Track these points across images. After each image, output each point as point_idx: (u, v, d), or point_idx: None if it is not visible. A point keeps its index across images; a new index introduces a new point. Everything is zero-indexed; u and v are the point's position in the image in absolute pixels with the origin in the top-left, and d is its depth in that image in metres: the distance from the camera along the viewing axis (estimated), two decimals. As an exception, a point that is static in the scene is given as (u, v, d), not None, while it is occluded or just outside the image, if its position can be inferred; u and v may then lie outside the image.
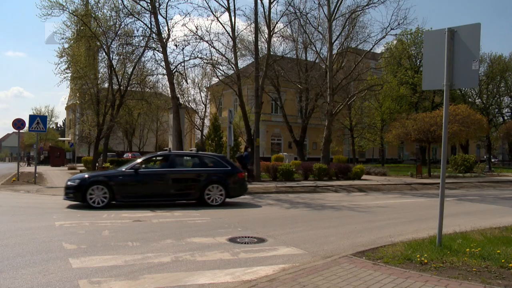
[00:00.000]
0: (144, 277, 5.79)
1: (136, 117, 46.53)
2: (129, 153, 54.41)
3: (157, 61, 28.10)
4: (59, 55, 32.03)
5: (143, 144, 63.29)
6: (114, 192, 13.29)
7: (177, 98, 26.67)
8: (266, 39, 27.95)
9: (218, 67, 29.31)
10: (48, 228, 9.46)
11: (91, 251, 7.27)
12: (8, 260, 6.58)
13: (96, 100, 33.40)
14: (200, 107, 58.92)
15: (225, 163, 14.99)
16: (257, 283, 5.44)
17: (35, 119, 23.53)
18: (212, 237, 8.57)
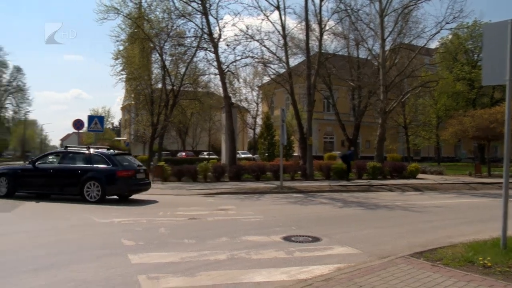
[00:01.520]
0: (200, 274, 5.87)
1: (189, 117, 47.13)
2: (182, 152, 55.30)
3: (209, 61, 28.33)
4: (114, 57, 32.98)
5: (196, 143, 64.17)
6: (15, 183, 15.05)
7: (229, 97, 26.88)
8: (317, 37, 27.72)
9: (269, 66, 29.32)
10: (108, 225, 9.79)
11: (149, 247, 7.45)
12: (73, 254, 6.86)
13: (150, 100, 34.12)
14: (252, 106, 59.19)
15: (109, 161, 14.63)
16: (312, 282, 5.41)
17: (93, 120, 24.29)
18: (266, 236, 8.59)
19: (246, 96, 57.65)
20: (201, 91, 35.55)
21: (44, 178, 14.86)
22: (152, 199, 15.39)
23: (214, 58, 26.11)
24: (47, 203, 13.87)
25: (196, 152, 59.06)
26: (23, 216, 11.34)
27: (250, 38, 26.52)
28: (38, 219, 10.84)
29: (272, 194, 17.71)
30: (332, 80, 37.30)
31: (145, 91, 34.81)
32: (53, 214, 11.88)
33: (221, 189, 18.67)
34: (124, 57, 33.32)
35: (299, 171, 25.07)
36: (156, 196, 16.50)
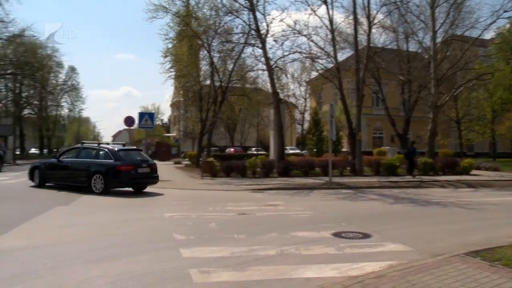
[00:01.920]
0: (251, 269, 5.90)
1: (237, 113, 47.52)
2: (231, 148, 55.72)
3: (256, 57, 28.45)
4: (163, 55, 33.57)
5: (244, 139, 64.51)
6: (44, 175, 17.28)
7: (277, 93, 26.88)
8: (365, 31, 27.27)
9: (317, 61, 29.16)
10: (159, 219, 10.01)
11: (200, 242, 7.55)
12: (128, 248, 7.05)
13: (199, 96, 34.58)
14: (300, 101, 59.00)
15: (112, 156, 15.82)
16: (364, 279, 5.34)
17: (144, 116, 24.84)
18: (316, 231, 8.55)
19: (294, 91, 57.59)
20: (249, 87, 35.71)
21: (64, 171, 16.75)
22: (201, 195, 15.62)
23: (261, 54, 26.18)
24: (100, 198, 14.31)
25: (244, 147, 59.40)
26: (80, 210, 11.74)
27: (297, 33, 26.42)
28: (93, 213, 11.19)
29: (321, 190, 17.59)
30: (381, 74, 36.60)
31: (194, 88, 35.31)
32: (107, 209, 12.25)
33: (269, 185, 18.70)
34: (173, 55, 33.90)
35: (348, 167, 24.77)
36: (205, 192, 16.76)
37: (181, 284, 5.20)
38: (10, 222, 9.07)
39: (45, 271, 5.64)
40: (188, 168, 34.51)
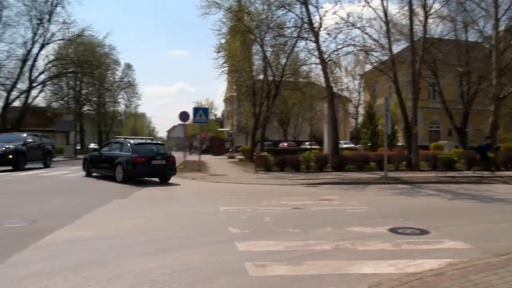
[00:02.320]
0: (306, 263, 5.86)
1: (291, 107, 47.34)
2: (284, 142, 55.69)
3: (309, 50, 28.20)
4: (216, 50, 33.90)
5: (297, 133, 64.32)
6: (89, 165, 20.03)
7: (331, 86, 26.57)
8: (421, 22, 26.38)
9: (371, 54, 28.55)
10: (215, 213, 10.12)
11: (255, 235, 7.58)
12: (183, 240, 7.18)
13: (252, 91, 34.71)
14: (354, 95, 58.24)
15: (131, 149, 17.64)
16: (422, 277, 5.18)
17: (198, 112, 25.18)
18: (372, 227, 8.40)
19: (348, 85, 56.76)
20: (302, 81, 35.51)
21: (101, 162, 19.33)
22: (255, 189, 15.71)
23: (315, 47, 25.93)
24: (156, 191, 14.67)
25: (297, 142, 59.19)
26: (137, 203, 12.06)
27: (351, 26, 25.96)
28: (150, 206, 11.47)
29: (376, 185, 17.28)
30: (438, 66, 35.35)
31: (247, 83, 35.48)
32: (163, 202, 12.52)
33: (324, 179, 18.54)
34: (226, 50, 34.21)
35: (404, 161, 24.21)
36: (259, 186, 16.84)
37: (236, 277, 5.23)
38: (73, 214, 9.43)
39: (106, 261, 5.83)
40: (241, 162, 34.75)
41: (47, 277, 5.08)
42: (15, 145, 22.98)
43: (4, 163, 22.29)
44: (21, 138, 24.57)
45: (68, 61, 46.53)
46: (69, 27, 42.80)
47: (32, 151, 24.55)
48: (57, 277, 5.09)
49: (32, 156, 24.52)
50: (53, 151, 28.34)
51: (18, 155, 22.82)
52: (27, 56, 42.29)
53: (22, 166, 23.00)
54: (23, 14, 41.57)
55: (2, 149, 22.29)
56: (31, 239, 6.94)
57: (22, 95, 43.66)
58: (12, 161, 22.47)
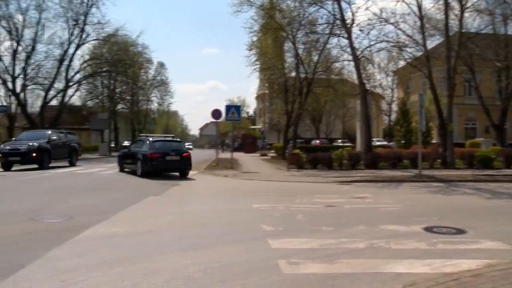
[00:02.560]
0: (340, 262, 5.82)
1: (323, 104, 47.05)
2: (316, 140, 55.42)
3: (342, 47, 27.94)
4: (248, 48, 33.96)
5: (330, 131, 63.92)
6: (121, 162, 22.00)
7: (364, 83, 26.29)
8: (457, 15, 25.79)
9: (405, 50, 28.11)
10: (247, 210, 10.16)
11: (288, 233, 7.57)
12: (217, 237, 7.23)
13: (284, 89, 34.64)
14: (387, 92, 57.40)
15: (149, 145, 19.19)
16: (459, 277, 5.06)
17: (231, 109, 25.29)
18: (406, 225, 8.27)
19: (381, 81, 55.84)
20: (334, 78, 35.23)
21: (128, 158, 20.96)
22: (287, 186, 15.70)
23: (347, 44, 25.73)
24: (189, 189, 14.82)
25: (330, 139, 58.83)
26: (171, 200, 12.22)
27: (384, 21, 25.63)
28: (184, 204, 11.59)
29: (410, 183, 17.03)
30: (475, 61, 34.42)
31: (279, 80, 35.43)
32: (196, 199, 12.66)
33: (356, 177, 18.40)
34: (257, 48, 34.22)
35: (439, 159, 23.79)
36: (292, 184, 16.83)
37: (270, 275, 5.23)
38: (109, 210, 9.61)
39: (142, 257, 5.92)
40: (274, 160, 34.79)
41: (85, 272, 5.19)
42: (39, 143, 22.39)
43: (28, 161, 22.00)
44: (45, 136, 23.92)
45: (102, 61, 47.38)
46: (103, 27, 43.70)
47: (56, 149, 23.91)
48: (94, 271, 5.20)
49: (56, 154, 23.98)
50: (79, 149, 27.77)
51: (42, 153, 22.31)
52: (63, 56, 43.27)
53: (46, 164, 22.52)
54: (60, 16, 42.58)
55: (26, 147, 21.81)
56: (69, 235, 7.11)
57: (59, 94, 44.70)
58: (36, 159, 22.02)
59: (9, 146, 22.38)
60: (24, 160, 21.79)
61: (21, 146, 21.87)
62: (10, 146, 22.22)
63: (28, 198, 11.82)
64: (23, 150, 21.63)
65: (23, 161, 21.88)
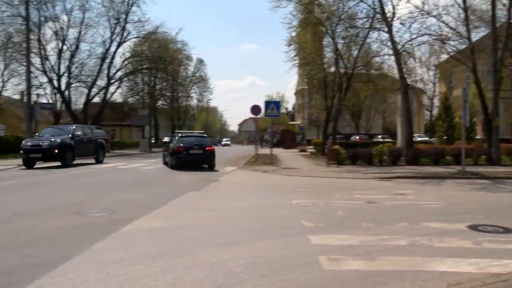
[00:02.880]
0: (381, 259, 5.73)
1: (363, 99, 46.55)
2: (356, 135, 54.84)
3: (382, 41, 27.50)
4: (287, 44, 33.88)
5: (370, 126, 63.13)
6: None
7: (405, 78, 25.83)
8: (505, 5, 24.89)
9: (448, 43, 27.41)
10: (287, 206, 10.13)
11: (328, 229, 7.51)
12: (257, 233, 7.24)
13: (324, 84, 34.42)
14: (428, 86, 56.21)
15: (177, 140, 21.47)
16: (508, 278, 4.85)
17: (270, 105, 25.32)
18: (449, 223, 8.07)
19: (422, 76, 54.85)
20: (374, 73, 34.76)
21: (166, 153, 22.83)
22: (327, 182, 15.59)
23: (387, 38, 25.32)
24: (227, 185, 14.91)
25: (370, 135, 58.11)
26: (210, 196, 12.31)
27: (426, 14, 25.03)
28: (223, 199, 11.67)
29: (454, 180, 16.62)
30: (523, 54, 33.30)
31: (318, 75, 35.25)
32: (235, 195, 12.70)
33: (397, 173, 18.10)
34: (296, 43, 34.09)
35: (483, 155, 23.14)
36: (331, 180, 16.72)
37: (310, 270, 5.20)
38: (150, 205, 9.76)
39: (182, 251, 5.98)
40: (313, 155, 34.66)
41: (128, 264, 5.29)
42: (61, 139, 21.18)
43: (49, 158, 20.96)
44: (69, 131, 22.72)
45: (143, 58, 48.23)
46: (143, 25, 44.53)
47: (81, 145, 22.58)
48: (137, 264, 5.29)
49: (81, 151, 22.58)
50: (106, 145, 26.44)
51: (65, 150, 21.09)
52: (105, 55, 44.27)
53: (69, 161, 21.33)
54: (102, 15, 43.62)
55: (47, 143, 20.64)
56: (112, 228, 7.27)
57: (101, 91, 45.80)
58: (58, 155, 20.79)
59: (30, 142, 21.24)
60: (45, 156, 20.78)
61: (42, 142, 20.78)
62: (32, 142, 21.08)
63: (73, 193, 12.17)
64: (44, 146, 20.53)
65: (44, 157, 20.86)
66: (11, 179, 15.58)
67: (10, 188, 13.30)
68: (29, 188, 13.52)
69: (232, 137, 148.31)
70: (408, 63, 35.53)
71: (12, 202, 10.50)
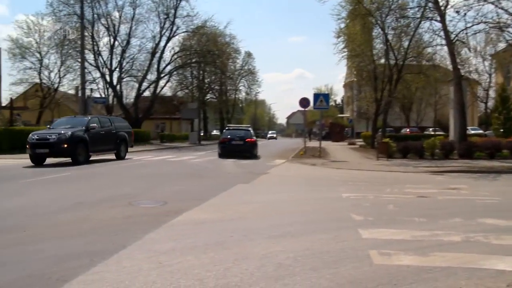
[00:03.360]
0: (434, 255, 5.58)
1: (413, 91, 45.44)
2: (406, 128, 53.72)
3: (434, 31, 26.68)
4: (336, 35, 33.54)
5: (420, 119, 61.68)
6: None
7: (458, 69, 25.03)
8: None
9: (506, 30, 26.30)
10: (336, 199, 10.04)
11: (378, 223, 7.39)
12: (306, 225, 7.20)
13: (374, 76, 33.86)
14: (483, 77, 54.20)
15: (224, 132, 26.33)
16: None
17: (319, 98, 25.12)
18: (506, 220, 7.74)
19: (477, 66, 52.94)
20: (426, 64, 33.83)
21: None
22: (377, 176, 15.37)
23: (440, 27, 24.56)
24: (277, 177, 14.93)
25: (420, 128, 56.76)
26: (259, 188, 12.38)
27: (483, 1, 24.10)
28: (271, 191, 11.71)
29: (511, 174, 16.04)
30: None
31: (368, 67, 34.73)
32: (283, 188, 12.71)
33: (450, 167, 17.61)
34: (345, 35, 33.67)
35: (545, 149, 22.19)
36: (381, 173, 16.47)
37: (361, 264, 5.13)
38: (200, 197, 9.91)
39: (232, 243, 6.03)
40: (362, 149, 34.25)
41: (179, 255, 5.39)
42: (73, 131, 18.46)
43: (58, 153, 18.29)
44: (83, 122, 19.90)
45: (192, 52, 48.91)
46: (192, 19, 45.25)
47: (97, 139, 19.76)
48: (188, 255, 5.38)
49: (97, 145, 19.74)
50: (130, 138, 22.97)
51: (76, 144, 18.25)
52: (155, 49, 45.24)
53: (81, 158, 18.52)
54: (152, 11, 44.66)
55: (55, 136, 17.90)
56: (164, 219, 7.42)
57: (151, 85, 46.83)
58: (68, 151, 18.01)
59: (37, 135, 18.41)
60: (53, 152, 18.01)
61: (50, 135, 18.03)
62: (39, 135, 18.31)
63: (126, 184, 12.53)
64: (52, 140, 17.78)
65: (52, 153, 18.10)
66: (66, 170, 16.16)
67: (66, 180, 13.80)
68: (84, 179, 14.01)
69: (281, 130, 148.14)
70: (461, 53, 34.43)
71: (68, 192, 10.89)
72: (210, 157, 24.26)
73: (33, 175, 14.68)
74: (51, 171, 15.83)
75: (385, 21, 29.94)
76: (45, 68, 46.92)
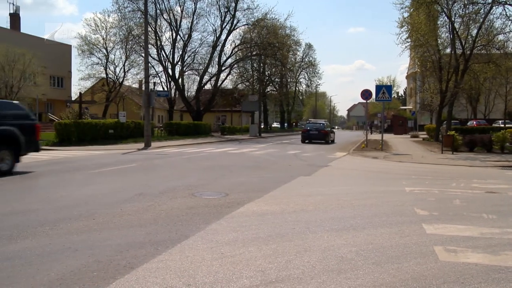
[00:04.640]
0: (505, 253, 5.34)
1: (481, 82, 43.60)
2: (473, 121, 51.65)
3: (508, 16, 25.38)
4: (399, 25, 32.67)
5: (489, 111, 59.10)
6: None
7: (532, 57, 23.77)
8: None
9: None
10: (399, 193, 9.82)
11: (443, 218, 7.17)
12: (368, 219, 7.09)
13: (438, 66, 32.78)
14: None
15: (306, 124, 34.43)
16: None
17: (381, 89, 24.61)
18: None
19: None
20: (496, 53, 32.30)
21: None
22: (441, 170, 14.91)
23: (515, 13, 23.36)
24: (339, 170, 14.78)
25: (488, 120, 54.38)
26: (320, 180, 12.30)
27: None
28: (332, 184, 11.64)
29: None
30: None
31: (432, 58, 33.63)
32: (345, 180, 12.60)
33: (521, 161, 16.84)
34: (409, 24, 32.68)
35: None
36: (446, 167, 16.00)
37: (425, 261, 5.00)
38: (262, 189, 9.99)
39: (293, 235, 6.04)
40: (425, 142, 33.36)
41: (241, 245, 5.46)
42: None
43: None
44: None
45: (252, 45, 49.13)
46: (252, 12, 45.40)
47: None
48: (250, 246, 5.44)
49: None
50: (26, 137, 12.78)
51: None
52: (216, 43, 45.81)
53: None
54: (213, 5, 45.36)
55: None
56: (225, 210, 7.54)
57: (212, 78, 47.50)
58: None
59: None
60: None
61: None
62: None
63: (188, 175, 12.80)
64: None
65: None
66: (133, 161, 16.72)
67: (134, 170, 14.33)
68: (150, 170, 14.47)
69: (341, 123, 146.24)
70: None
71: (136, 183, 11.25)
72: (271, 149, 24.33)
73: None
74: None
75: (451, 8, 28.82)
76: (111, 63, 49.20)
